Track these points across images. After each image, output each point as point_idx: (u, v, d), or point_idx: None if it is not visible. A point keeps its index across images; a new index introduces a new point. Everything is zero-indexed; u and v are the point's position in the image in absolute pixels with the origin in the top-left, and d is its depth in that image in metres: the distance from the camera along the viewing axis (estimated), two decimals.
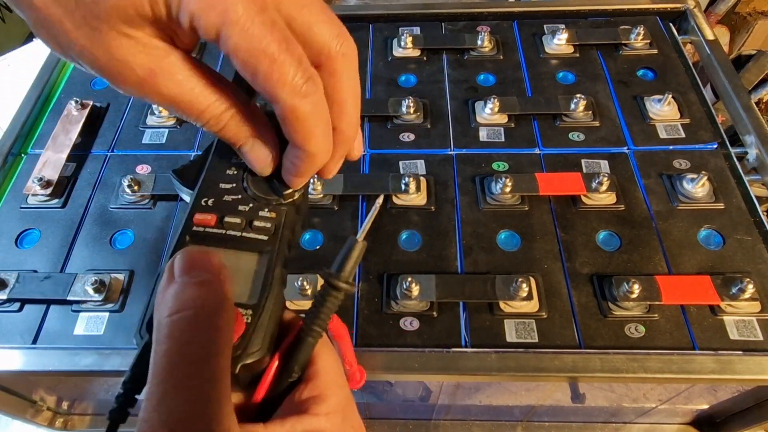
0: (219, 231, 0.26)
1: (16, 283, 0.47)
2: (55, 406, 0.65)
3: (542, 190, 0.51)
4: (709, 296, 0.45)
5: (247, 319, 0.24)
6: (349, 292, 0.25)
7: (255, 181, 0.27)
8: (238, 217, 0.26)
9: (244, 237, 0.26)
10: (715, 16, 1.17)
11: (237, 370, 0.23)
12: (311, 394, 0.24)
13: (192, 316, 0.19)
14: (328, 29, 0.22)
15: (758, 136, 0.55)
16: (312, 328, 0.25)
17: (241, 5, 0.20)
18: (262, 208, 0.27)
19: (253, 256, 0.25)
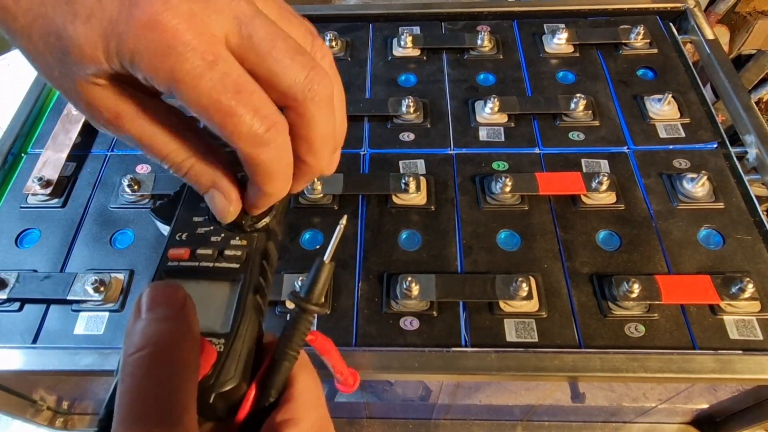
0: (192, 264, 0.26)
1: (16, 282, 0.47)
2: (56, 406, 0.65)
3: (542, 190, 0.51)
4: (709, 296, 0.45)
5: (219, 348, 0.23)
6: (319, 313, 0.25)
7: None
8: (210, 248, 0.26)
9: (216, 267, 0.26)
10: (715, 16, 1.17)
11: (212, 400, 0.23)
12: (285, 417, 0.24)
13: (152, 352, 0.20)
14: (295, 74, 0.22)
15: (758, 135, 0.55)
16: (286, 352, 0.25)
17: (188, 63, 0.20)
18: (233, 237, 0.27)
19: (225, 285, 0.26)
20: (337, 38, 0.66)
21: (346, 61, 0.66)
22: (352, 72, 0.65)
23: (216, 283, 0.26)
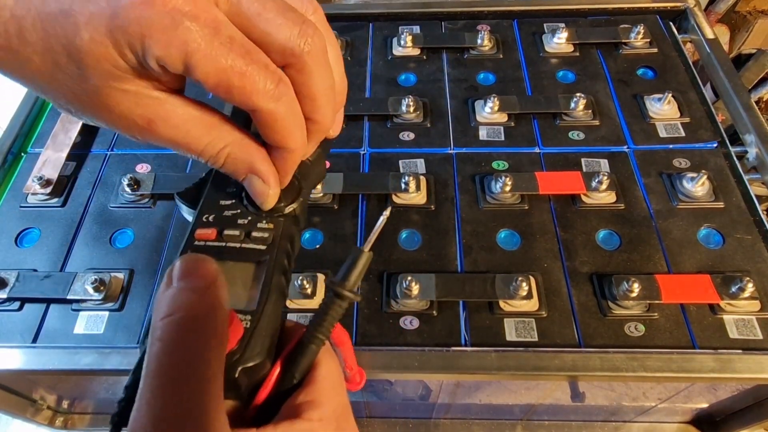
0: (219, 244, 0.27)
1: (16, 282, 0.47)
2: (56, 405, 0.65)
3: (542, 189, 0.51)
4: (709, 295, 0.45)
5: (246, 324, 0.24)
6: (353, 301, 0.25)
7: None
8: (237, 229, 0.27)
9: (243, 248, 0.27)
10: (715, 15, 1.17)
11: (236, 374, 0.23)
12: (306, 398, 0.24)
13: (183, 318, 0.20)
14: (288, 30, 0.23)
15: (758, 135, 0.55)
16: (315, 335, 0.25)
17: (196, 33, 0.20)
18: (260, 221, 0.28)
19: (251, 266, 0.26)
20: (337, 37, 0.66)
21: (346, 61, 0.66)
22: (352, 71, 0.65)
23: (242, 264, 0.26)
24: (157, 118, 0.23)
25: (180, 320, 0.20)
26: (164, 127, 0.23)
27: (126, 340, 0.46)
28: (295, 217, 0.28)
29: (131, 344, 0.45)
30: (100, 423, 0.68)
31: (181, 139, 0.24)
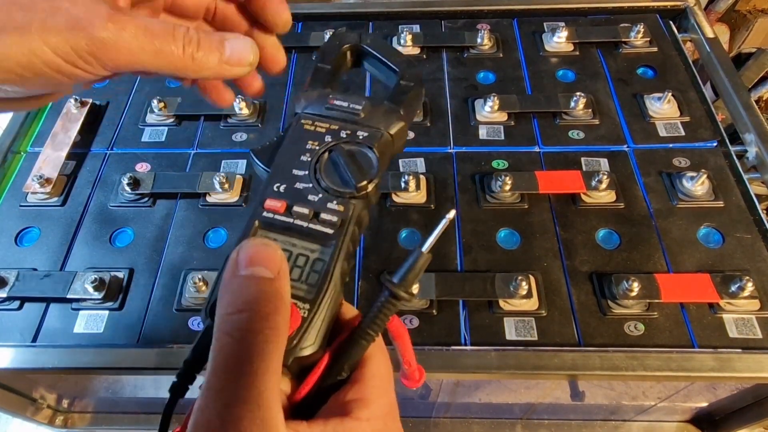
0: (287, 219, 0.26)
1: (15, 281, 0.47)
2: (55, 404, 0.65)
3: (542, 189, 0.51)
4: (709, 294, 0.45)
5: (304, 313, 0.24)
6: (408, 301, 0.25)
7: (328, 173, 0.27)
8: (307, 207, 0.26)
9: (310, 228, 0.26)
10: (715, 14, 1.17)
11: (289, 362, 0.23)
12: (356, 396, 0.24)
13: (250, 317, 0.21)
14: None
15: (758, 134, 0.55)
16: (366, 331, 0.25)
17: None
18: (331, 200, 0.27)
19: (316, 248, 0.26)
20: None
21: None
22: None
23: (309, 244, 0.26)
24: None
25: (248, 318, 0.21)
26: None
27: (126, 339, 0.46)
28: (367, 198, 0.27)
29: (131, 343, 0.45)
30: (100, 422, 0.68)
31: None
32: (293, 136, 0.29)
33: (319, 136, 0.29)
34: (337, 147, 0.28)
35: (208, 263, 0.49)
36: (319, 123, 0.29)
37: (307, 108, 0.30)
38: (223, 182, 0.52)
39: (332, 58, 0.32)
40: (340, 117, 0.29)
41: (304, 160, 0.28)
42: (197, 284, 0.46)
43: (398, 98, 0.30)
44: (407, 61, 0.32)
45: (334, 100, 0.30)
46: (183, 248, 0.51)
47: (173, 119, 0.60)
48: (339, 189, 0.27)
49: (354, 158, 0.27)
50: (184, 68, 0.25)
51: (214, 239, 0.51)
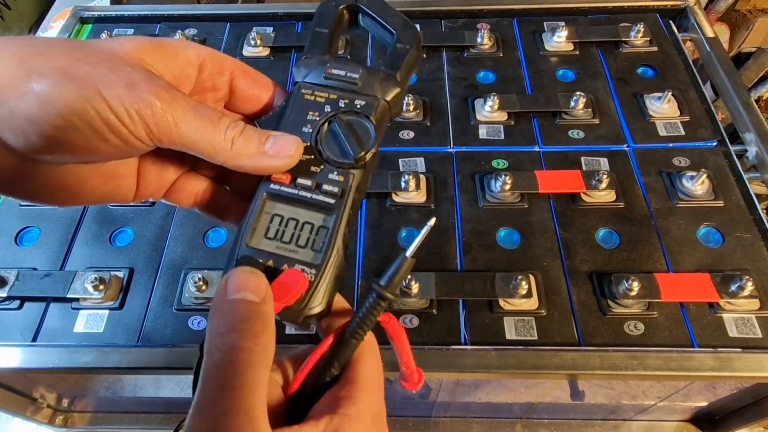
0: (292, 190, 0.28)
1: (15, 280, 0.47)
2: (55, 404, 0.65)
3: (542, 188, 0.51)
4: (709, 294, 0.45)
5: (311, 277, 0.26)
6: (393, 301, 0.27)
7: (328, 144, 0.29)
8: (310, 179, 0.28)
9: (314, 199, 0.28)
10: (715, 14, 1.17)
11: (300, 321, 0.26)
12: (345, 393, 0.25)
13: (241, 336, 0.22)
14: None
15: (758, 133, 0.55)
16: (356, 330, 0.26)
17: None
18: (332, 171, 0.28)
19: (320, 217, 0.28)
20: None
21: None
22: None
23: (312, 213, 0.28)
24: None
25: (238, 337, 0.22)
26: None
27: (126, 338, 0.46)
28: (366, 167, 0.29)
29: (131, 343, 0.45)
30: (100, 421, 0.68)
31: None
32: (295, 107, 0.30)
33: (319, 106, 0.29)
34: (335, 117, 0.29)
35: (208, 263, 0.49)
36: (318, 93, 0.30)
37: (307, 77, 0.30)
38: None
39: (329, 21, 0.32)
40: (338, 86, 0.30)
41: (306, 131, 0.29)
42: (197, 284, 0.46)
43: (395, 63, 0.31)
44: (404, 23, 0.32)
45: (332, 69, 0.30)
46: (183, 248, 0.51)
47: None
48: (339, 160, 0.28)
49: (352, 129, 0.28)
50: (222, 151, 0.26)
51: (214, 239, 0.51)
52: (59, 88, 0.23)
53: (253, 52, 0.67)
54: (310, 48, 0.31)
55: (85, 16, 0.72)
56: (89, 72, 0.23)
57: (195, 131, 0.25)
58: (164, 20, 0.72)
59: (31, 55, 0.23)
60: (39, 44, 0.24)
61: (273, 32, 0.68)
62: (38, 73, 0.23)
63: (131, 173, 0.28)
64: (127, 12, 0.73)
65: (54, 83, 0.23)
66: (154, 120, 0.24)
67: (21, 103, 0.23)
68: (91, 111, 0.23)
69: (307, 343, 0.45)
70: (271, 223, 0.28)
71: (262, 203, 0.28)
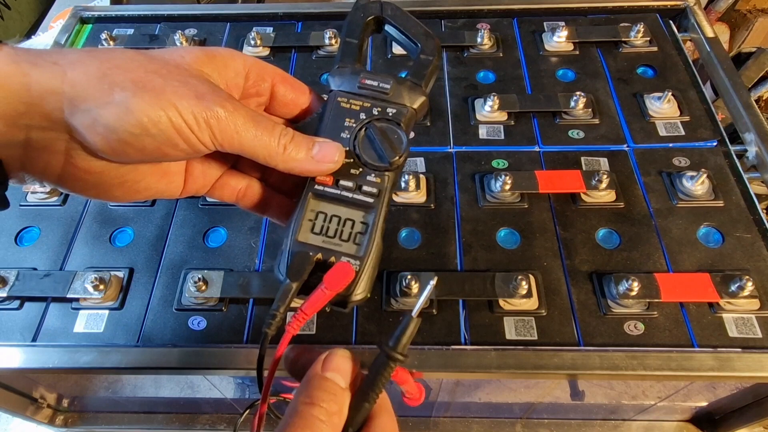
0: (335, 191, 0.31)
1: (15, 280, 0.47)
2: (56, 404, 0.65)
3: (542, 188, 0.51)
4: (709, 294, 0.45)
5: (356, 268, 0.30)
6: (403, 362, 0.28)
7: (365, 149, 0.32)
8: (351, 181, 0.32)
9: (355, 198, 0.31)
10: (715, 14, 1.17)
11: (347, 307, 0.30)
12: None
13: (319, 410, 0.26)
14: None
15: (758, 133, 0.55)
16: (368, 393, 0.28)
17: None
18: (370, 173, 0.32)
19: (360, 214, 0.31)
20: (336, 36, 0.66)
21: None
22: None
23: (353, 210, 0.31)
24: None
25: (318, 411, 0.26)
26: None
27: (126, 338, 0.46)
28: (398, 168, 0.32)
29: (131, 343, 0.45)
30: (100, 421, 0.68)
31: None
32: (332, 113, 0.33)
33: (354, 113, 0.33)
34: (370, 124, 0.32)
35: (207, 263, 0.49)
36: (353, 101, 0.33)
37: (341, 86, 0.34)
38: None
39: (358, 32, 0.35)
40: (371, 95, 0.33)
41: (344, 137, 0.32)
42: (197, 284, 0.46)
43: (419, 73, 0.34)
44: (425, 33, 0.35)
45: (365, 80, 0.34)
46: (183, 248, 0.51)
47: None
48: (375, 164, 0.32)
49: (386, 135, 0.32)
50: (275, 156, 0.29)
51: (214, 239, 0.51)
52: (138, 100, 0.25)
53: (253, 52, 0.67)
54: (342, 58, 0.35)
55: (85, 16, 0.72)
56: (163, 85, 0.26)
57: (253, 138, 0.28)
58: (164, 20, 0.72)
59: (111, 68, 0.26)
60: (117, 58, 0.27)
61: (273, 32, 0.68)
62: (120, 86, 0.26)
63: (180, 171, 0.31)
64: (127, 12, 0.73)
65: (133, 95, 0.25)
66: (219, 128, 0.27)
67: (104, 113, 0.25)
68: (165, 119, 0.26)
69: (307, 343, 0.45)
70: (317, 220, 0.31)
71: (308, 203, 0.31)
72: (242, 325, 0.46)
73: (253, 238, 0.51)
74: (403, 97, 0.33)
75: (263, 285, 0.46)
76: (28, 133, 0.26)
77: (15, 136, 0.26)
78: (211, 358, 0.44)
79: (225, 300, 0.47)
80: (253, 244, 0.51)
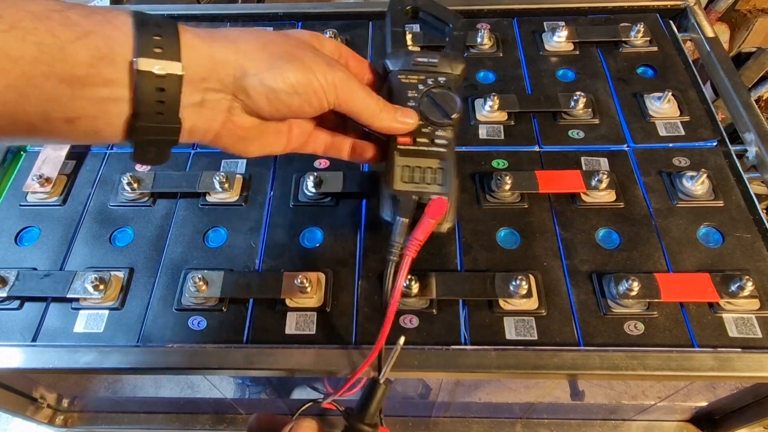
0: (414, 147, 0.41)
1: (15, 280, 0.47)
2: (56, 404, 0.65)
3: (542, 188, 0.51)
4: (709, 294, 0.45)
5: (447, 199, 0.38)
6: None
7: (430, 111, 0.41)
8: (425, 137, 0.41)
9: (431, 150, 0.41)
10: (715, 14, 1.17)
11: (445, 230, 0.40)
12: None
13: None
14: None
15: (758, 133, 0.55)
16: None
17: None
18: (437, 129, 0.41)
19: (436, 161, 0.40)
20: (336, 36, 0.66)
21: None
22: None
23: (432, 160, 0.40)
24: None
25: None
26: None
27: (126, 338, 0.46)
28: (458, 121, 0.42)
29: (131, 343, 0.45)
30: (100, 421, 0.68)
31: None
32: (397, 88, 0.42)
33: (414, 86, 0.42)
34: (429, 92, 0.41)
35: (208, 263, 0.49)
36: (411, 76, 0.42)
37: (397, 65, 0.43)
38: (223, 182, 0.52)
39: (401, 21, 0.45)
40: (424, 69, 0.43)
41: (411, 105, 0.41)
42: (197, 284, 0.46)
43: (456, 45, 0.45)
44: (453, 14, 0.46)
45: (417, 58, 0.43)
46: (183, 248, 0.51)
47: None
48: (440, 121, 0.41)
49: (443, 98, 0.41)
50: (373, 116, 0.38)
51: (214, 239, 0.51)
52: (290, 66, 0.33)
53: None
54: (393, 44, 0.45)
55: None
56: (303, 56, 0.34)
57: (361, 101, 0.37)
58: None
59: (267, 42, 0.33)
60: (267, 35, 0.35)
61: None
62: (277, 56, 0.33)
63: (287, 130, 0.39)
64: None
65: (287, 63, 0.33)
66: (342, 90, 0.35)
67: (268, 76, 0.32)
68: (311, 82, 0.34)
69: (305, 343, 0.45)
70: (404, 171, 0.40)
71: (396, 159, 0.40)
72: (242, 325, 0.46)
73: (253, 238, 0.51)
74: (449, 66, 0.43)
75: (263, 285, 0.46)
76: (204, 95, 0.31)
77: (194, 97, 0.31)
78: (211, 358, 0.44)
79: (225, 300, 0.47)
80: (253, 244, 0.51)
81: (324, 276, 0.48)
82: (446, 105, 0.41)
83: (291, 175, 0.55)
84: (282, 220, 0.52)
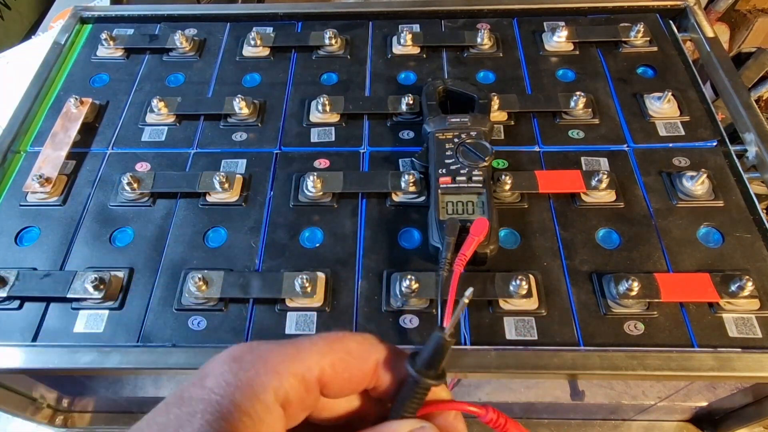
0: (454, 186, 0.49)
1: (15, 280, 0.47)
2: (56, 404, 0.65)
3: (542, 188, 0.51)
4: (709, 294, 0.45)
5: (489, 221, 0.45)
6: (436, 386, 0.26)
7: (466, 156, 0.50)
8: (463, 176, 0.49)
9: (469, 187, 0.49)
10: (715, 14, 1.17)
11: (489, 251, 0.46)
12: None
13: None
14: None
15: (758, 133, 0.55)
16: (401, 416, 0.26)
17: None
18: (473, 170, 0.49)
19: (475, 196, 0.48)
20: (336, 36, 0.66)
21: (345, 59, 0.66)
22: (351, 70, 0.65)
23: (471, 196, 0.48)
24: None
25: None
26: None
27: (126, 338, 0.46)
28: (490, 164, 0.50)
29: (131, 343, 0.45)
30: (101, 421, 0.68)
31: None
32: (437, 145, 0.51)
33: (451, 140, 0.51)
34: (464, 143, 0.51)
35: (208, 263, 0.49)
36: (446, 133, 0.52)
37: (435, 127, 0.53)
38: (223, 182, 0.52)
39: (433, 97, 0.57)
40: (457, 127, 0.52)
41: (449, 154, 0.50)
42: (197, 284, 0.46)
43: (483, 108, 0.55)
44: (478, 88, 0.58)
45: (451, 119, 0.53)
46: (183, 248, 0.51)
47: (173, 119, 0.60)
48: (476, 163, 0.50)
49: (477, 145, 0.51)
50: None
51: (214, 239, 0.51)
52: None
53: (253, 52, 0.67)
54: (429, 113, 0.55)
55: (85, 16, 0.72)
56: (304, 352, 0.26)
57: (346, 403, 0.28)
58: (164, 20, 0.72)
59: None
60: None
61: (273, 32, 0.68)
62: None
63: None
64: (127, 12, 0.73)
65: None
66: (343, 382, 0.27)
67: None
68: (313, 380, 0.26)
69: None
70: (447, 205, 0.48)
71: (439, 198, 0.48)
72: (242, 325, 0.46)
73: (253, 238, 0.51)
74: (478, 124, 0.52)
75: (263, 285, 0.46)
76: None
77: None
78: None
79: (225, 300, 0.47)
80: (253, 244, 0.51)
81: (324, 276, 0.48)
82: (480, 150, 0.50)
83: (291, 175, 0.55)
84: (282, 220, 0.52)
